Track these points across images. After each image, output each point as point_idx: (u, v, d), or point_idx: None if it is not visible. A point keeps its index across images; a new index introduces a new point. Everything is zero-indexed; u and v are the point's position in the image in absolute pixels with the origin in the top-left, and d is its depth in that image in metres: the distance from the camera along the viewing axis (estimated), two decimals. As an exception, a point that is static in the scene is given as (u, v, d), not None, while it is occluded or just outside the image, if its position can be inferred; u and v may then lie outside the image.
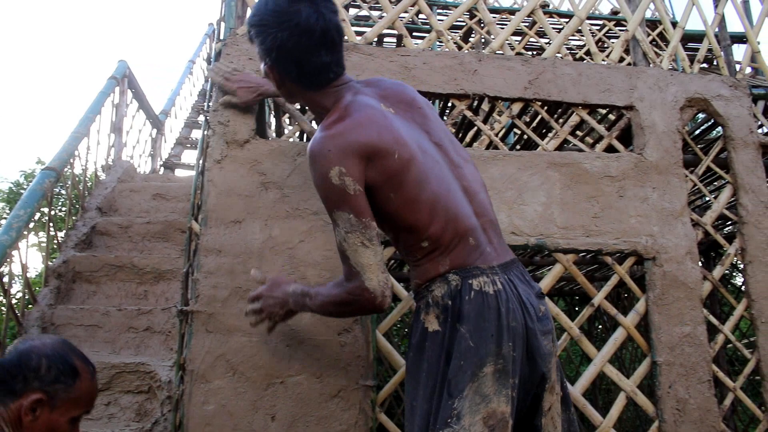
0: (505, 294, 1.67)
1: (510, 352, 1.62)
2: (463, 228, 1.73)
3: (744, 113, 3.11)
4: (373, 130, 1.70)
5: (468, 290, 1.65)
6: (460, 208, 1.76)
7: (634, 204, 2.78)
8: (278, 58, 1.77)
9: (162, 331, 3.63)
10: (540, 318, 1.75)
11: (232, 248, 2.40)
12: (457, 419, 1.54)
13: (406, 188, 1.70)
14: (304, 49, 1.73)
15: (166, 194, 5.05)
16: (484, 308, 1.63)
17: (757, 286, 2.89)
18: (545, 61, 2.94)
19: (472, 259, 1.71)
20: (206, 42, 9.04)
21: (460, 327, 1.63)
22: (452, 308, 1.66)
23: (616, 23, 6.53)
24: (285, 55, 1.75)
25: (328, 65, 1.79)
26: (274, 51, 1.75)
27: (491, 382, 1.58)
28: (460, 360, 1.60)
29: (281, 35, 1.71)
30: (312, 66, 1.77)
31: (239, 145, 2.51)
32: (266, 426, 2.25)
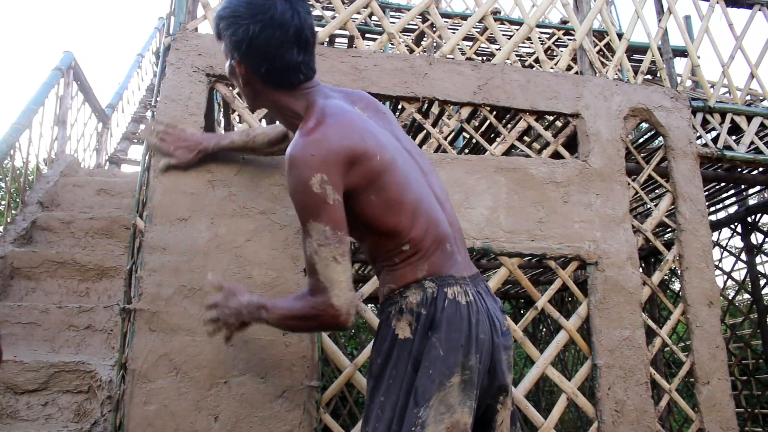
0: (475, 306, 1.67)
1: (476, 363, 1.62)
2: (441, 234, 1.73)
3: (684, 124, 3.22)
4: (356, 133, 1.66)
5: (443, 299, 1.64)
6: (438, 213, 1.75)
7: (578, 210, 2.85)
8: (248, 51, 1.70)
9: (104, 329, 3.55)
10: (504, 333, 1.77)
11: (178, 246, 2.37)
12: (422, 428, 1.53)
13: (389, 190, 1.66)
14: (276, 44, 1.69)
15: (111, 190, 4.94)
16: (456, 318, 1.63)
17: (693, 292, 2.99)
18: (495, 67, 2.98)
19: (447, 267, 1.70)
20: (156, 36, 8.89)
21: (432, 336, 1.62)
22: (426, 316, 1.64)
23: (565, 32, 6.66)
24: (256, 48, 1.69)
25: (300, 65, 1.75)
26: (244, 43, 1.69)
27: (457, 393, 1.58)
28: (429, 369, 1.59)
29: (254, 27, 1.67)
30: (283, 63, 1.72)
31: (187, 142, 2.48)
32: (209, 427, 2.22)
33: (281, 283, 2.40)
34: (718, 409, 2.86)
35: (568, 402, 2.75)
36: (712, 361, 2.91)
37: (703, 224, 3.10)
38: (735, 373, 6.25)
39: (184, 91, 2.55)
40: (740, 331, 6.43)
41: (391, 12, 6.38)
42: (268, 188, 2.50)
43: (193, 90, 2.57)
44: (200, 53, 2.61)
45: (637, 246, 2.92)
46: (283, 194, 2.50)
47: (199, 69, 2.59)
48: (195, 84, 2.58)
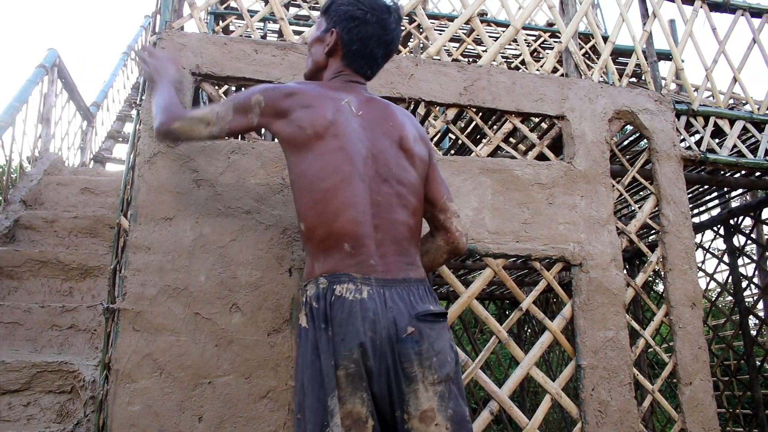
0: (370, 303, 1.69)
1: (360, 358, 1.65)
2: (342, 231, 1.76)
3: (668, 127, 3.24)
4: (309, 100, 1.93)
5: (331, 294, 1.71)
6: (349, 212, 1.78)
7: (562, 211, 2.86)
8: (354, 30, 2.00)
9: (87, 329, 3.52)
10: (406, 339, 1.71)
11: (162, 246, 2.36)
12: (332, 416, 1.61)
13: (305, 165, 1.85)
14: (376, 36, 2.02)
15: (96, 188, 4.91)
16: (342, 313, 1.68)
17: (676, 293, 3.01)
18: (481, 69, 2.99)
19: (343, 265, 1.75)
20: (142, 34, 8.84)
21: (324, 328, 1.69)
22: (318, 309, 1.72)
23: (551, 35, 6.69)
24: (360, 31, 2.00)
25: (374, 62, 2.09)
26: (356, 22, 1.99)
27: (345, 384, 1.64)
28: (326, 362, 1.66)
29: (370, 17, 2.00)
30: (370, 51, 2.04)
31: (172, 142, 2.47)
32: (193, 427, 2.21)
33: (266, 283, 2.40)
34: (700, 410, 2.89)
35: (553, 403, 2.77)
36: (694, 362, 2.94)
37: (687, 226, 3.12)
38: (717, 373, 6.31)
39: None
40: (722, 332, 6.49)
41: (378, 12, 6.37)
42: (254, 188, 2.50)
43: (179, 89, 2.55)
44: (186, 52, 2.60)
45: (621, 248, 2.94)
46: (268, 194, 2.50)
47: (184, 68, 2.58)
48: (181, 83, 2.56)
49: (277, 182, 2.52)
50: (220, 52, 2.65)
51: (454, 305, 2.71)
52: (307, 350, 1.71)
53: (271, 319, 2.37)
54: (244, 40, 2.71)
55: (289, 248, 2.46)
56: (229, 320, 2.32)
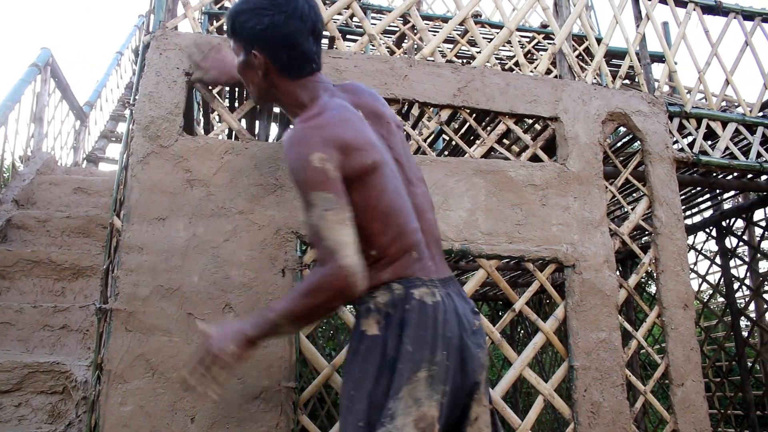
0: (443, 306, 1.74)
1: (443, 360, 1.68)
2: (409, 243, 1.79)
3: (661, 129, 3.25)
4: (350, 129, 1.77)
5: (410, 299, 1.72)
6: (409, 223, 1.82)
7: (556, 212, 2.87)
8: (271, 40, 1.84)
9: (79, 329, 3.51)
10: (474, 332, 1.82)
11: (155, 246, 2.35)
12: (391, 419, 1.59)
13: (368, 194, 1.75)
14: (297, 33, 1.84)
15: (88, 188, 4.89)
16: (423, 317, 1.69)
17: (669, 295, 3.02)
18: (474, 70, 3.00)
19: (413, 270, 1.78)
20: (136, 33, 8.83)
21: (401, 333, 1.68)
22: (394, 315, 1.71)
23: (545, 36, 6.70)
24: (279, 37, 1.83)
25: (314, 54, 1.91)
26: (268, 31, 1.82)
27: (424, 387, 1.63)
28: (399, 364, 1.65)
29: (278, 17, 1.82)
30: (302, 51, 1.87)
31: (165, 142, 2.47)
32: (185, 428, 2.21)
33: (259, 283, 2.40)
34: (691, 411, 2.90)
35: (545, 403, 2.77)
36: (686, 363, 2.95)
37: (679, 228, 3.13)
38: (709, 374, 6.34)
39: (163, 90, 2.54)
40: (714, 333, 6.51)
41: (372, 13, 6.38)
42: (247, 188, 2.49)
43: (172, 89, 2.55)
44: (180, 52, 2.59)
45: (614, 249, 2.94)
46: (261, 194, 2.50)
47: (178, 68, 2.58)
48: (174, 83, 2.56)
49: (271, 182, 2.52)
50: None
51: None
52: (374, 357, 1.69)
53: (264, 319, 2.36)
54: (238, 40, 2.70)
55: (282, 249, 2.46)
56: (222, 321, 2.31)
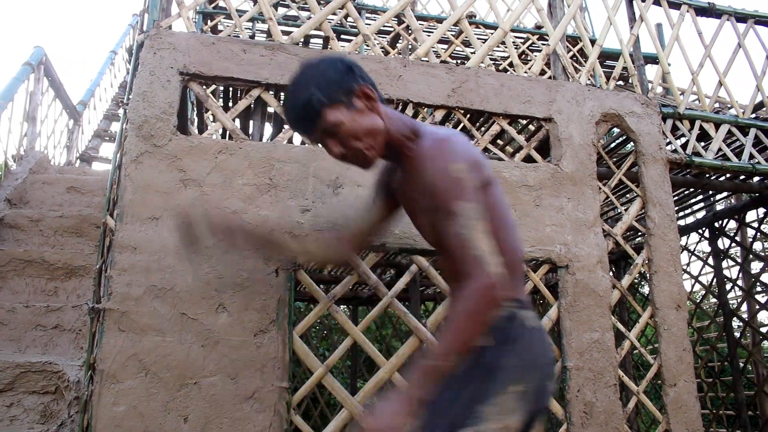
0: (542, 331, 1.83)
1: (538, 381, 1.73)
2: (517, 260, 1.86)
3: (654, 130, 3.26)
4: (469, 144, 1.84)
5: (520, 319, 1.77)
6: (517, 240, 1.90)
7: (549, 213, 2.87)
8: (356, 72, 1.81)
9: (72, 329, 3.50)
10: (554, 359, 1.88)
11: (148, 246, 2.35)
12: (479, 421, 1.61)
13: (495, 208, 1.81)
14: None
15: (82, 188, 4.88)
16: (530, 337, 1.76)
17: (662, 295, 3.03)
18: (469, 70, 3.00)
19: (519, 290, 1.84)
20: (129, 33, 8.80)
21: (507, 347, 1.72)
22: (503, 330, 1.73)
23: (539, 37, 6.71)
24: (357, 68, 1.82)
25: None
26: (350, 67, 1.80)
27: (515, 401, 1.66)
28: (499, 373, 1.68)
29: (344, 59, 1.82)
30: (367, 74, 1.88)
31: (158, 141, 2.46)
32: (178, 428, 2.21)
33: (253, 283, 2.39)
34: (684, 411, 2.91)
35: (538, 404, 2.77)
36: (678, 363, 2.96)
37: (672, 229, 3.14)
38: (701, 375, 6.36)
39: (157, 89, 2.53)
40: (707, 334, 6.53)
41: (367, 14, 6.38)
42: (241, 188, 2.49)
43: (166, 88, 2.55)
44: (174, 51, 2.59)
45: (607, 250, 2.95)
46: (255, 194, 2.49)
47: (172, 67, 2.57)
48: (168, 82, 2.56)
49: (265, 182, 2.52)
50: (208, 51, 2.64)
51: (441, 306, 2.71)
52: (477, 366, 1.70)
53: (257, 319, 2.36)
54: (232, 39, 2.71)
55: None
56: (215, 321, 2.31)
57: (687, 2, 3.87)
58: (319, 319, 2.63)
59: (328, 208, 2.57)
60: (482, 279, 1.58)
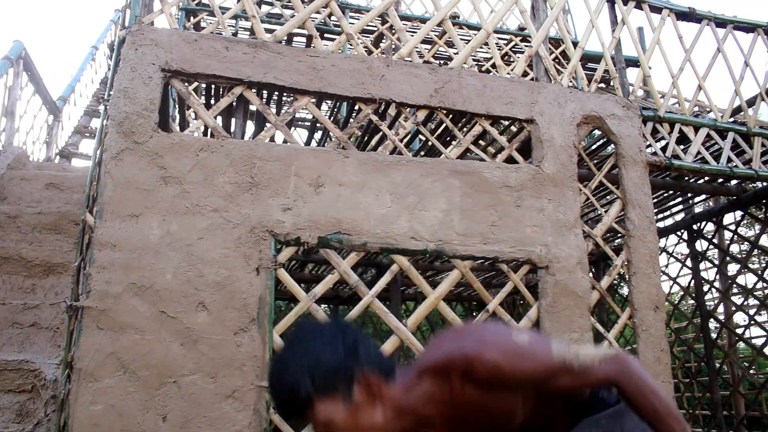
0: None
1: None
2: None
3: (635, 133, 3.29)
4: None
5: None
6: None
7: (530, 214, 2.89)
8: (359, 356, 1.51)
9: (50, 327, 3.46)
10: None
11: (128, 243, 2.33)
12: None
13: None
14: (373, 344, 1.58)
15: (61, 184, 4.83)
16: None
17: (640, 296, 3.06)
18: (451, 71, 3.01)
19: None
20: (111, 28, 8.71)
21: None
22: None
23: (522, 39, 6.74)
24: (368, 352, 1.53)
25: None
26: (354, 349, 1.51)
27: None
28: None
29: (346, 337, 1.53)
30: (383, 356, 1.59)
31: (139, 138, 2.44)
32: (157, 427, 2.19)
33: (233, 282, 2.38)
34: (661, 411, 2.93)
35: (517, 403, 2.79)
36: (656, 363, 2.98)
37: (651, 231, 3.17)
38: (678, 375, 6.43)
39: (138, 86, 2.52)
40: (684, 335, 6.60)
41: (351, 13, 6.38)
42: (222, 186, 2.48)
43: (147, 84, 2.53)
44: (156, 48, 2.57)
45: (587, 251, 2.97)
46: (237, 192, 2.49)
47: (154, 63, 2.56)
48: (150, 78, 2.54)
49: (246, 181, 2.51)
50: (190, 48, 2.63)
51: (422, 306, 2.72)
52: None
53: (237, 318, 2.36)
54: (215, 37, 2.70)
55: (257, 247, 2.45)
56: (195, 319, 2.30)
57: (668, 6, 3.91)
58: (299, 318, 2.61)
59: (310, 207, 2.57)
60: (615, 368, 1.56)
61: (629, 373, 1.55)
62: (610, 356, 1.59)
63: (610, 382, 1.58)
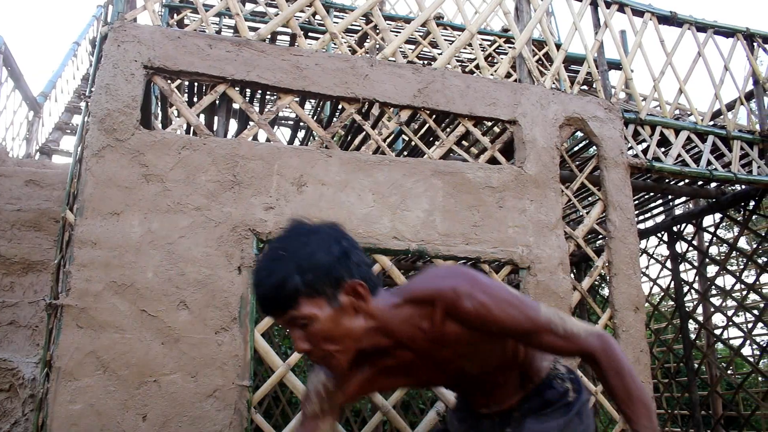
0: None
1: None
2: None
3: (616, 135, 3.32)
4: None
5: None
6: None
7: (512, 215, 2.90)
8: (351, 262, 1.52)
9: (28, 325, 3.43)
10: None
11: (109, 241, 2.31)
12: None
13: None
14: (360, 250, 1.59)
15: (41, 181, 4.77)
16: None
17: (621, 297, 3.08)
18: (435, 71, 3.02)
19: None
20: (93, 24, 8.63)
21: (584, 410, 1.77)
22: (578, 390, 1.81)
23: (506, 40, 6.76)
24: (357, 259, 1.54)
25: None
26: (345, 254, 1.51)
27: None
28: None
29: (343, 241, 1.54)
30: (367, 260, 1.61)
31: (121, 135, 2.43)
32: (137, 426, 2.18)
33: (215, 280, 2.38)
34: (640, 411, 2.95)
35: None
36: (636, 364, 3.01)
37: (632, 232, 3.20)
38: (657, 375, 6.48)
39: (120, 83, 2.50)
40: (663, 335, 6.66)
41: (335, 12, 6.36)
42: (205, 184, 2.47)
43: (129, 81, 2.51)
44: (138, 44, 2.55)
45: (568, 252, 2.99)
46: (219, 191, 2.47)
47: (136, 60, 2.54)
48: (132, 75, 2.52)
49: (228, 179, 2.50)
50: (173, 45, 2.61)
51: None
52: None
53: (219, 317, 2.35)
54: (198, 34, 2.68)
55: (239, 246, 2.44)
56: (176, 318, 2.29)
57: (650, 10, 3.95)
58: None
59: (292, 207, 2.57)
60: (598, 343, 1.59)
61: (611, 351, 1.59)
62: (596, 332, 1.62)
63: (589, 355, 1.61)
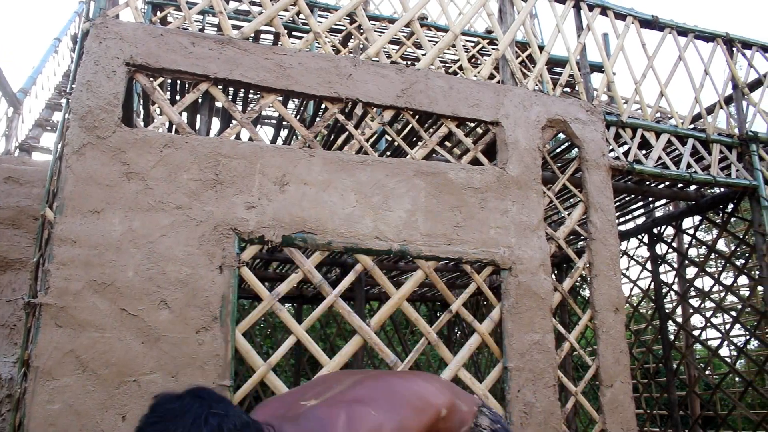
0: None
1: None
2: None
3: (598, 137, 3.34)
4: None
5: None
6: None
7: (494, 216, 2.91)
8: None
9: (6, 324, 3.40)
10: None
11: (89, 239, 2.29)
12: None
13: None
14: None
15: (20, 178, 4.72)
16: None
17: (601, 298, 3.11)
18: (418, 72, 3.02)
19: None
20: (75, 20, 8.56)
21: None
22: None
23: (489, 42, 6.79)
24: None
25: None
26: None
27: None
28: None
29: (227, 420, 1.39)
30: None
31: (102, 132, 2.41)
32: (116, 426, 2.16)
33: (196, 280, 2.36)
34: (620, 411, 2.98)
35: (479, 403, 2.81)
36: (616, 365, 3.04)
37: (613, 234, 3.23)
38: (637, 376, 6.53)
39: (101, 80, 2.48)
40: (643, 336, 6.72)
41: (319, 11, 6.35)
42: (186, 183, 2.45)
43: (111, 78, 2.49)
44: (120, 41, 2.53)
45: (549, 253, 3.01)
46: (201, 190, 2.46)
47: (118, 57, 2.52)
48: (114, 72, 2.50)
49: (210, 178, 2.49)
50: (156, 43, 2.59)
51: (386, 306, 2.73)
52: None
53: (199, 316, 2.33)
54: (181, 32, 2.67)
55: (220, 245, 2.43)
56: (156, 317, 2.27)
57: (632, 14, 3.98)
58: (263, 317, 2.61)
59: (274, 206, 2.56)
60: None
61: None
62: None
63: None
